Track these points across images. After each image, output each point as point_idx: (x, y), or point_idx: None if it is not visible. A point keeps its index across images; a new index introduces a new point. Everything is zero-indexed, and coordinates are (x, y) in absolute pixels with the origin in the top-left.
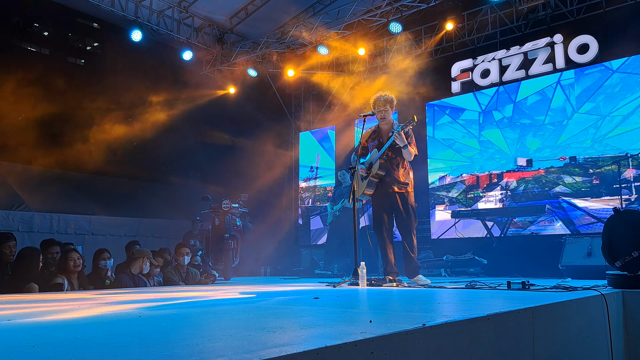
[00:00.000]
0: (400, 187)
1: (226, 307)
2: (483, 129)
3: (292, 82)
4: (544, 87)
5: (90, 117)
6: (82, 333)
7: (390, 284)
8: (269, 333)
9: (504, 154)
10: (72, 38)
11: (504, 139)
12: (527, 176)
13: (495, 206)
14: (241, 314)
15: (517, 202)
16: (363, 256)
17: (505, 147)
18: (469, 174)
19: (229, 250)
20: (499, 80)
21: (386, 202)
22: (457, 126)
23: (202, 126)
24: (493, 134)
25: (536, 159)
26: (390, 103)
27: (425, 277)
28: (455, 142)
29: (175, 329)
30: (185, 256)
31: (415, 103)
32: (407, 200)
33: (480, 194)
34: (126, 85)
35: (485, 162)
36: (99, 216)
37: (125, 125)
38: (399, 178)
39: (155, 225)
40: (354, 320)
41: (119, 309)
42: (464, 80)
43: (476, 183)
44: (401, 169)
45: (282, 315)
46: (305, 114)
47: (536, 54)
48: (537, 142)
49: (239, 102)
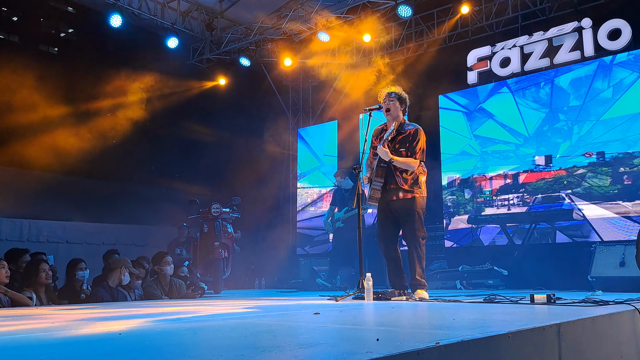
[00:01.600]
0: (405, 193)
1: (216, 324)
2: (499, 124)
3: (289, 72)
4: (570, 77)
5: (65, 111)
6: (57, 355)
7: (400, 297)
8: (264, 353)
9: (520, 151)
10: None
11: (521, 136)
12: (547, 177)
13: (510, 211)
14: (232, 331)
15: (536, 205)
16: (369, 266)
17: (522, 144)
18: (480, 174)
19: (219, 260)
20: (521, 69)
21: (390, 210)
22: (472, 121)
23: (190, 121)
24: (510, 129)
25: (558, 157)
26: (397, 96)
27: (426, 293)
28: (469, 138)
29: (159, 350)
30: (168, 266)
31: (427, 95)
32: (414, 208)
33: (492, 198)
34: (104, 77)
35: (499, 161)
36: (75, 222)
37: (103, 121)
38: (404, 185)
39: (137, 232)
40: (359, 339)
41: (96, 327)
42: (481, 70)
43: (489, 185)
44: (406, 174)
45: (279, 332)
46: (304, 108)
47: (562, 41)
48: (559, 140)
49: (230, 95)
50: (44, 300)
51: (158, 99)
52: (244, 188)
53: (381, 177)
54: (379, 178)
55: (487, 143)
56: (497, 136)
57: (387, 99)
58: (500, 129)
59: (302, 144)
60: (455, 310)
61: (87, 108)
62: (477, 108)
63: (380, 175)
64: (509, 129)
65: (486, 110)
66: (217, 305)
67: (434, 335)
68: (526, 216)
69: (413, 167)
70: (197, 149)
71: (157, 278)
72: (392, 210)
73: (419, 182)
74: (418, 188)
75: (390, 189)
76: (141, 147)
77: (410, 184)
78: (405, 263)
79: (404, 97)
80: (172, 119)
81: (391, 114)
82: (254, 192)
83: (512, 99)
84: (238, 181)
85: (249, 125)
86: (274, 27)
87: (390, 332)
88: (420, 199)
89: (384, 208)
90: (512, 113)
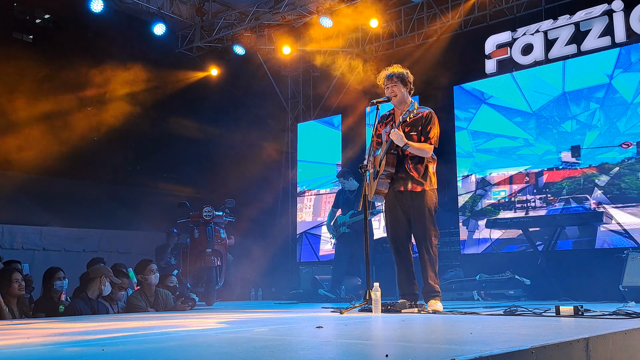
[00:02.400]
0: (414, 184)
1: (208, 339)
2: (522, 117)
3: (288, 61)
4: (600, 65)
5: (41, 105)
6: None
7: (411, 309)
8: None
9: (544, 147)
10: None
11: (546, 129)
12: (576, 175)
13: (533, 213)
14: (226, 347)
15: (562, 206)
16: (377, 275)
17: (546, 139)
18: (498, 172)
19: (211, 269)
20: (545, 57)
21: (399, 205)
22: (491, 114)
23: (178, 116)
24: (533, 122)
25: (587, 154)
26: (399, 77)
27: (440, 304)
28: (486, 133)
29: None
30: (152, 275)
31: (441, 86)
32: (424, 202)
33: (512, 199)
34: (84, 68)
35: (521, 157)
36: (53, 227)
37: (83, 116)
38: (413, 173)
39: (120, 238)
40: (366, 355)
41: (75, 341)
42: (500, 58)
43: (508, 184)
44: (417, 162)
45: (277, 348)
46: (305, 101)
47: (590, 25)
48: (589, 134)
49: (223, 87)
50: (16, 314)
51: (144, 91)
52: (239, 189)
53: (392, 166)
54: (389, 167)
55: (501, 142)
56: (514, 133)
57: (388, 82)
58: (517, 122)
59: (302, 141)
60: (472, 324)
61: (66, 102)
62: (495, 103)
63: (391, 163)
64: (527, 121)
65: (500, 101)
66: (209, 318)
67: (449, 351)
68: (551, 219)
69: (428, 153)
70: (186, 146)
71: (141, 288)
72: (401, 204)
73: (429, 173)
74: (428, 179)
75: (399, 178)
76: (125, 145)
77: (420, 172)
78: (417, 269)
79: (406, 76)
80: (159, 114)
81: (397, 99)
82: (249, 193)
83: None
84: (232, 182)
85: (244, 120)
86: (271, 12)
87: (401, 348)
88: (430, 192)
89: (392, 200)
90: (530, 103)
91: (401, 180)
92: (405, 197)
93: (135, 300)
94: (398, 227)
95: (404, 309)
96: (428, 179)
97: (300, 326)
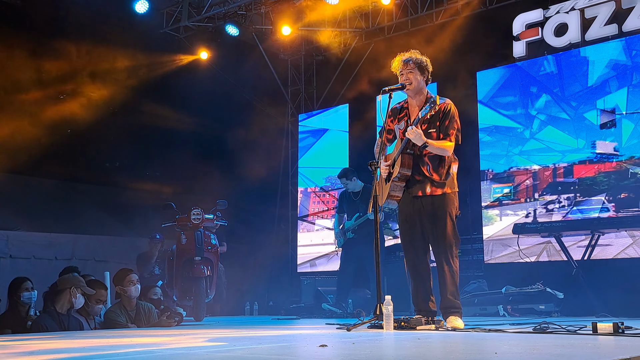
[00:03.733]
0: (434, 187)
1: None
2: (553, 106)
3: (288, 43)
4: None
5: (5, 93)
6: None
7: (428, 326)
8: None
9: (575, 138)
10: None
11: (579, 119)
12: (612, 168)
13: (567, 217)
14: None
15: (599, 208)
16: (389, 287)
17: (578, 130)
18: (520, 167)
19: (200, 280)
20: (581, 38)
21: (416, 211)
22: (519, 103)
23: (163, 106)
24: (565, 111)
25: (628, 145)
26: (417, 63)
27: (461, 320)
28: (512, 124)
29: None
30: (133, 286)
31: (462, 72)
32: (445, 206)
33: (540, 199)
34: (56, 51)
35: (548, 151)
36: (20, 232)
37: (55, 105)
38: (433, 176)
39: (97, 245)
40: None
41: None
42: (530, 40)
43: (532, 181)
44: (437, 162)
45: None
46: (307, 89)
47: (634, 2)
48: (626, 123)
49: (214, 72)
50: None
51: (124, 78)
52: (232, 189)
53: (408, 168)
54: (404, 169)
55: (527, 132)
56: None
57: (404, 68)
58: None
59: (304, 134)
60: (497, 343)
61: (35, 90)
62: (523, 91)
63: (406, 165)
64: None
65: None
66: (199, 335)
67: None
68: (588, 224)
69: (449, 152)
70: (172, 140)
71: (121, 302)
72: (418, 210)
73: (450, 173)
74: (450, 181)
75: (415, 182)
76: (102, 139)
77: (442, 175)
78: (435, 282)
79: (425, 63)
80: (141, 104)
81: (412, 88)
82: (243, 194)
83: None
84: (224, 181)
85: (238, 111)
86: None
87: None
88: (452, 195)
89: (407, 206)
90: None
91: (418, 184)
92: (423, 202)
93: (113, 315)
94: (414, 235)
95: (419, 326)
96: (449, 181)
97: (302, 345)
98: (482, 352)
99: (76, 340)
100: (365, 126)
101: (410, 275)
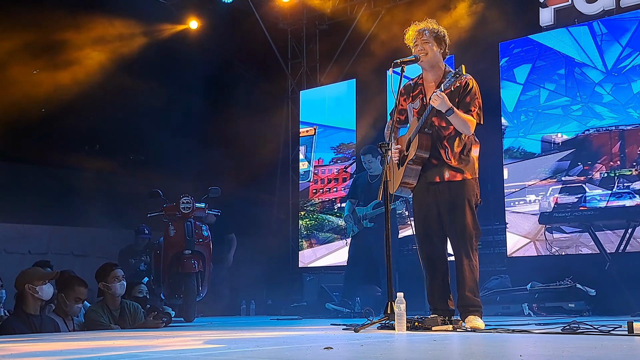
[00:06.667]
0: (453, 171)
1: None
2: (585, 84)
3: (287, 11)
4: None
5: None
6: None
7: (444, 326)
8: None
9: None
10: None
11: (613, 99)
12: None
13: (599, 205)
14: None
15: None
16: (401, 284)
17: (610, 107)
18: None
19: (191, 276)
20: (616, 5)
21: (432, 200)
22: (546, 78)
23: (148, 81)
24: (598, 93)
25: None
26: (434, 33)
27: (481, 320)
28: (539, 104)
29: None
30: (118, 283)
31: (483, 43)
32: (464, 193)
33: (567, 184)
34: (28, 20)
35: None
36: None
37: (28, 81)
38: (451, 160)
39: (74, 237)
40: None
41: None
42: (559, 6)
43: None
44: (456, 145)
45: None
46: (309, 62)
47: None
48: None
49: (205, 44)
50: None
51: (104, 50)
52: (225, 175)
53: (426, 150)
54: (422, 151)
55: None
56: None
57: (419, 38)
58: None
59: (305, 112)
60: (522, 344)
61: (4, 64)
62: (552, 64)
63: (424, 146)
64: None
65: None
66: (189, 337)
67: None
68: (623, 212)
69: (470, 129)
70: (158, 120)
71: (103, 300)
72: (434, 197)
73: (470, 158)
74: (471, 166)
75: (432, 166)
76: (81, 118)
77: (460, 158)
78: (452, 278)
79: (442, 33)
80: (123, 79)
81: (427, 59)
82: (238, 180)
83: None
84: (217, 165)
85: (232, 87)
86: None
87: None
88: (472, 181)
89: (423, 194)
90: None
91: (434, 169)
92: (440, 188)
93: (94, 315)
94: (430, 226)
95: (435, 326)
96: (470, 165)
97: (304, 347)
98: (504, 355)
99: (51, 344)
100: (373, 102)
101: (426, 270)
